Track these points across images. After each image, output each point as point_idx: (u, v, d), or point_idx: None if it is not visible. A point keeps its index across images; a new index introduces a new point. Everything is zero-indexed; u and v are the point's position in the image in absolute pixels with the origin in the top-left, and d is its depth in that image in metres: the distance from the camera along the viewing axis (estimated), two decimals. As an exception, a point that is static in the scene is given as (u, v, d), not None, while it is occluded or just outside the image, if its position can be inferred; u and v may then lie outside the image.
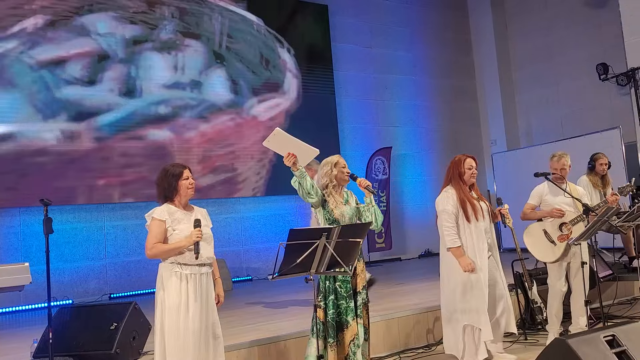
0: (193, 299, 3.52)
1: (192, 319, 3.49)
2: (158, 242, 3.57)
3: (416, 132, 12.96)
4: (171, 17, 9.82)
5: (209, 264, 3.69)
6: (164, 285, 3.56)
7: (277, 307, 6.58)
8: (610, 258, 7.09)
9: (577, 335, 3.66)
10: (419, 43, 13.32)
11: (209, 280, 3.68)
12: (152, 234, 3.58)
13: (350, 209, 4.23)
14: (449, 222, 4.59)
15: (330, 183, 4.24)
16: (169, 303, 3.51)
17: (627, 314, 6.04)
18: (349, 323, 3.96)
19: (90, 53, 9.03)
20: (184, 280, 3.54)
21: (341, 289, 4.00)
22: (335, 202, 4.18)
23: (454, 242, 4.56)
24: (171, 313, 3.49)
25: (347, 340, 3.95)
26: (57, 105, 8.65)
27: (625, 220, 4.86)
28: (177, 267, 3.56)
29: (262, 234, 10.52)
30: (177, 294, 3.51)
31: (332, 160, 4.31)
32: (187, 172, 3.71)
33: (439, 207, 4.72)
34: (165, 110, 9.57)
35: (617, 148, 9.65)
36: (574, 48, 12.08)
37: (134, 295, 8.84)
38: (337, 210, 4.15)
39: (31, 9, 8.61)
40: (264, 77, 10.74)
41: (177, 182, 3.66)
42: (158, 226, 3.58)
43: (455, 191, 4.66)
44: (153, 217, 3.61)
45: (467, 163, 4.69)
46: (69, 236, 8.73)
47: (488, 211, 4.69)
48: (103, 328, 4.23)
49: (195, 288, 3.55)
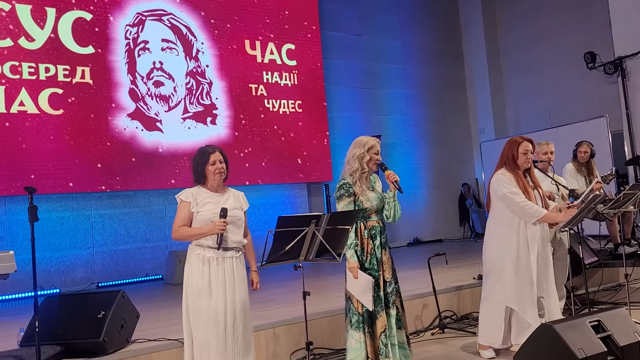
0: (216, 282, 3.50)
1: (215, 302, 3.47)
2: (184, 225, 3.56)
3: (405, 120, 12.97)
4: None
5: (235, 248, 3.62)
6: (188, 267, 3.57)
7: (267, 295, 6.58)
8: (596, 245, 7.16)
9: (563, 321, 3.71)
10: (408, 31, 13.30)
11: (236, 264, 3.61)
12: (178, 216, 3.58)
13: (377, 195, 4.01)
14: (520, 197, 4.28)
15: (359, 170, 3.96)
16: (191, 285, 3.51)
17: (612, 300, 6.12)
18: (379, 313, 3.86)
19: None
20: (206, 264, 3.52)
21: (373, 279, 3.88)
22: (362, 189, 3.95)
23: (539, 212, 4.27)
24: (193, 295, 3.50)
25: (379, 332, 3.85)
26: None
27: (611, 207, 4.91)
28: (199, 249, 3.55)
29: (252, 223, 10.36)
30: (199, 277, 3.50)
31: (368, 143, 4.00)
32: (214, 156, 3.64)
33: (500, 190, 4.37)
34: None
35: (603, 136, 9.72)
36: (562, 36, 12.11)
37: (122, 284, 8.83)
38: (363, 197, 3.93)
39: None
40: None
41: (204, 167, 3.63)
42: (183, 208, 3.58)
43: (512, 175, 4.39)
44: (180, 198, 3.62)
45: (523, 147, 4.42)
46: (56, 225, 8.66)
47: (542, 199, 4.45)
48: (90, 316, 4.21)
49: (218, 271, 3.52)
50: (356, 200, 3.94)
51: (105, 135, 9.01)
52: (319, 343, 4.95)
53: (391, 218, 4.02)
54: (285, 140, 10.90)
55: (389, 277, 3.98)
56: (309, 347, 3.61)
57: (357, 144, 4.02)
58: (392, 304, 3.94)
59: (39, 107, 8.51)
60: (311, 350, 4.79)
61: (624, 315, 3.85)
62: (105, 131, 9.02)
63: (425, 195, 13.02)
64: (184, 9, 10.09)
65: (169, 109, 9.73)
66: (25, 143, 8.34)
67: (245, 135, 10.45)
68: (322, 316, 5.13)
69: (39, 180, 8.18)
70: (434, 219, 13.02)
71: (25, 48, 8.52)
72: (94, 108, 8.97)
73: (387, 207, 4.01)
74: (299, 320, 4.86)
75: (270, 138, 10.72)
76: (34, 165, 8.33)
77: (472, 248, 10.71)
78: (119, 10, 9.43)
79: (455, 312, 5.88)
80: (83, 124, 8.83)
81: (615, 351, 3.59)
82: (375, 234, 3.96)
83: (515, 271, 4.36)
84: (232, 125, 10.34)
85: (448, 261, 6.65)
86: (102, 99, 9.06)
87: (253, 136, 10.53)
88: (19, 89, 8.39)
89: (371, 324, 3.87)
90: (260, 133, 10.62)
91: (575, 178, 6.56)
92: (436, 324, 5.57)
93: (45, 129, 8.52)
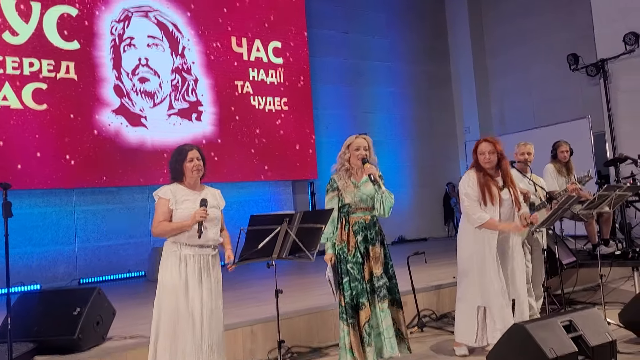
0: (192, 280, 3.50)
1: (190, 301, 3.47)
2: (164, 220, 3.56)
3: (391, 118, 13.01)
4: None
5: (212, 246, 3.64)
6: (163, 264, 3.57)
7: (245, 293, 6.59)
8: (574, 245, 7.21)
9: (535, 321, 3.74)
10: (395, 29, 13.33)
11: (212, 263, 3.63)
12: (157, 213, 3.58)
13: (362, 192, 4.08)
14: (469, 202, 4.43)
15: (342, 167, 4.15)
16: (166, 283, 3.51)
17: (590, 300, 6.18)
18: (364, 304, 3.94)
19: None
20: (183, 261, 3.52)
21: (353, 270, 3.99)
22: (345, 185, 4.08)
23: (481, 218, 4.36)
24: (168, 293, 3.49)
25: (362, 322, 3.94)
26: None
27: (587, 208, 4.95)
28: (176, 246, 3.55)
29: (235, 220, 10.38)
30: (175, 275, 3.50)
31: (348, 141, 4.20)
32: (192, 153, 3.67)
33: (460, 190, 4.59)
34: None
35: (585, 137, 9.82)
36: (547, 37, 12.20)
37: (104, 281, 8.78)
38: (345, 193, 4.07)
39: None
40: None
41: (182, 164, 3.66)
42: (162, 205, 3.59)
43: (475, 174, 4.50)
44: (158, 195, 3.63)
45: (480, 148, 4.51)
46: (38, 220, 8.61)
47: (511, 199, 4.44)
48: (66, 313, 4.19)
49: (194, 269, 3.53)
50: (340, 196, 4.10)
51: (89, 130, 8.97)
52: (297, 341, 4.96)
53: (379, 211, 4.10)
54: (271, 138, 10.89)
55: (378, 271, 4.03)
56: (281, 345, 3.62)
57: (344, 143, 4.22)
58: (381, 298, 3.99)
59: (22, 102, 8.45)
60: (289, 349, 4.84)
61: (596, 316, 3.89)
62: (89, 127, 8.97)
63: (410, 193, 13.06)
64: (171, 6, 10.05)
65: (154, 105, 9.70)
66: (8, 138, 8.28)
67: (231, 132, 10.43)
68: (301, 314, 5.14)
69: (22, 176, 8.12)
70: (419, 217, 13.07)
71: (9, 43, 8.47)
72: (78, 103, 8.92)
73: (375, 201, 4.10)
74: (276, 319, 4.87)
75: (255, 135, 10.71)
76: (16, 160, 8.27)
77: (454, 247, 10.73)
78: (105, 5, 9.39)
79: (434, 311, 5.91)
80: (67, 119, 8.78)
81: (587, 351, 3.63)
82: (358, 230, 4.05)
83: (482, 270, 4.41)
84: (217, 122, 10.32)
85: (430, 260, 6.67)
86: (87, 95, 9.02)
87: (238, 133, 10.52)
88: (2, 84, 8.33)
89: (353, 314, 3.96)
90: (246, 130, 10.61)
91: (556, 179, 6.58)
92: (415, 322, 5.60)
93: (29, 124, 8.46)
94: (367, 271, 4.01)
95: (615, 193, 4.89)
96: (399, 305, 4.14)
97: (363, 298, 3.95)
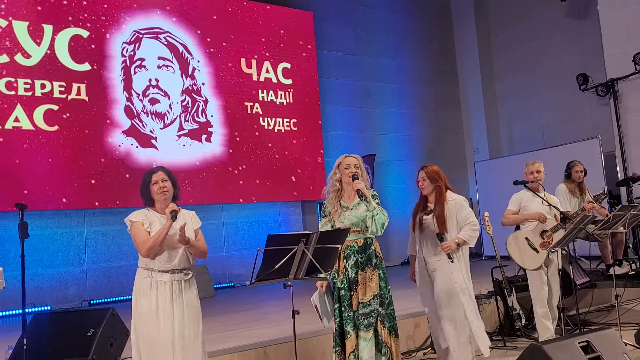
0: (163, 308, 3.45)
1: (162, 328, 3.42)
2: (147, 238, 3.48)
3: (400, 140, 13.02)
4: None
5: (183, 270, 3.58)
6: (136, 291, 3.54)
7: (258, 314, 6.56)
8: (588, 265, 7.16)
9: (553, 341, 3.70)
10: (403, 51, 13.41)
11: (185, 288, 3.55)
12: (138, 234, 3.51)
13: (354, 214, 3.96)
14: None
15: (333, 188, 4.05)
16: (140, 310, 3.48)
17: (603, 320, 6.11)
18: (349, 333, 3.83)
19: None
20: (154, 288, 3.48)
21: (343, 298, 3.88)
22: (334, 209, 3.99)
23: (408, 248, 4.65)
24: (142, 320, 3.46)
25: (348, 352, 3.83)
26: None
27: (601, 228, 4.93)
28: (147, 273, 3.51)
29: (245, 240, 10.49)
30: (147, 301, 3.46)
31: (338, 161, 4.12)
32: (156, 176, 3.62)
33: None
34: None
35: (596, 157, 9.78)
36: (555, 58, 12.23)
37: (114, 302, 8.77)
38: (335, 217, 3.98)
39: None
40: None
41: (147, 188, 3.62)
42: (138, 227, 3.53)
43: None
44: (130, 220, 3.58)
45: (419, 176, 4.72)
46: (48, 241, 8.64)
47: (432, 222, 4.44)
48: (80, 334, 4.18)
49: (166, 296, 3.47)
50: (331, 220, 4.01)
51: (100, 151, 9.03)
52: (310, 363, 4.93)
53: (371, 228, 3.95)
54: (280, 158, 10.93)
55: (365, 298, 3.88)
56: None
57: (335, 164, 4.14)
58: (365, 326, 3.83)
59: (33, 123, 8.53)
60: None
61: (613, 336, 3.84)
62: (99, 148, 9.04)
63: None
64: (181, 28, 10.17)
65: (164, 126, 9.76)
66: (19, 159, 8.34)
67: (240, 153, 10.48)
68: (313, 335, 5.10)
69: (32, 196, 8.17)
70: (428, 238, 12.98)
71: (21, 64, 8.57)
72: (89, 124, 8.99)
73: (367, 219, 3.95)
74: (289, 340, 4.84)
75: (265, 156, 10.75)
76: (27, 181, 8.33)
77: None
78: (116, 27, 9.50)
79: (447, 332, 5.85)
80: (78, 141, 8.85)
81: (605, 372, 3.59)
82: (349, 254, 3.94)
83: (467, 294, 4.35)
84: (227, 143, 10.37)
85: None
86: (98, 116, 9.09)
87: (248, 154, 10.56)
88: (14, 105, 8.42)
89: (340, 343, 3.87)
90: (255, 151, 10.65)
91: (569, 200, 6.55)
92: (428, 343, 5.55)
93: (40, 145, 8.53)
94: (355, 297, 3.89)
95: (630, 213, 4.87)
96: (395, 334, 3.97)
97: (348, 326, 3.84)
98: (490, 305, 6.08)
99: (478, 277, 8.13)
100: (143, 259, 3.54)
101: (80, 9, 9.17)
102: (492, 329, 5.99)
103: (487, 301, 6.11)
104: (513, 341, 5.58)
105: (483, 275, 6.89)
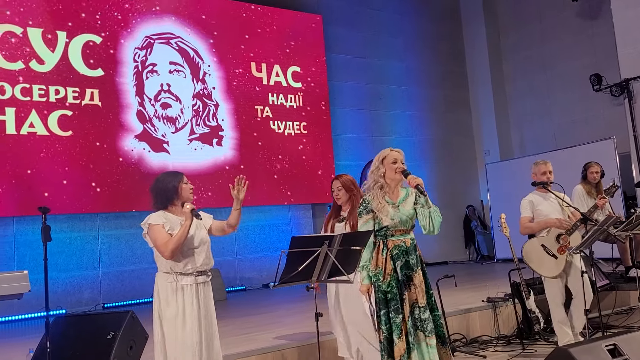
0: (190, 310, 3.45)
1: (189, 331, 3.42)
2: (169, 239, 3.43)
3: (410, 142, 12.99)
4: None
5: (206, 273, 3.60)
6: (160, 296, 3.51)
7: (273, 317, 6.54)
8: (607, 268, 7.09)
9: (579, 345, 3.66)
10: (412, 54, 13.38)
11: (206, 291, 3.58)
12: (159, 237, 3.45)
13: (402, 211, 3.71)
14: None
15: (376, 184, 3.77)
16: (167, 314, 3.45)
17: (624, 323, 6.04)
18: (395, 342, 3.55)
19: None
20: (180, 291, 3.47)
21: (391, 302, 3.60)
22: (380, 205, 3.70)
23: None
24: (169, 324, 3.44)
25: (397, 359, 3.55)
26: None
27: (623, 229, 4.87)
28: (172, 277, 3.49)
29: (256, 244, 10.48)
30: (173, 305, 3.45)
31: (381, 155, 3.81)
32: (186, 177, 3.70)
33: None
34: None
35: (611, 158, 9.70)
36: (567, 59, 12.17)
37: (127, 305, 8.75)
38: (382, 214, 3.68)
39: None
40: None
41: (178, 185, 3.60)
42: (159, 229, 3.47)
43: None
44: (150, 224, 3.51)
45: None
46: (63, 245, 8.65)
47: (344, 229, 4.39)
48: (100, 337, 4.16)
49: (192, 299, 3.48)
50: (375, 218, 3.73)
51: (113, 156, 9.05)
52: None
53: (428, 228, 3.67)
54: (290, 162, 10.92)
55: (423, 301, 3.62)
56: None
57: (374, 160, 3.86)
58: (429, 332, 3.57)
59: (48, 129, 8.56)
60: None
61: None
62: (113, 152, 9.06)
63: (431, 217, 12.93)
64: (192, 33, 10.19)
65: (175, 130, 9.78)
66: (34, 164, 8.38)
67: (251, 156, 10.48)
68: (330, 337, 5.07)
69: (47, 201, 8.19)
70: (439, 240, 12.91)
71: (36, 71, 8.61)
72: (103, 129, 9.02)
73: (421, 217, 3.69)
74: (307, 342, 4.82)
75: (275, 159, 10.75)
76: (42, 186, 8.36)
77: (478, 270, 10.66)
78: (128, 33, 9.53)
79: (465, 335, 5.82)
80: (91, 145, 8.88)
81: (632, 375, 3.54)
82: (398, 254, 3.66)
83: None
84: (237, 147, 10.38)
85: (453, 283, 6.58)
86: (111, 121, 9.12)
87: (259, 157, 10.56)
88: (29, 111, 8.46)
89: (390, 351, 3.58)
90: (266, 154, 10.65)
91: (585, 201, 6.47)
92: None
93: (54, 150, 8.56)
94: (407, 302, 3.60)
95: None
96: (444, 343, 3.68)
97: (394, 334, 3.56)
98: (507, 308, 6.03)
99: (493, 279, 8.13)
100: (166, 263, 3.51)
101: (94, 15, 9.21)
102: (510, 332, 5.95)
103: (504, 304, 6.07)
104: (532, 345, 5.52)
105: (498, 278, 6.86)
